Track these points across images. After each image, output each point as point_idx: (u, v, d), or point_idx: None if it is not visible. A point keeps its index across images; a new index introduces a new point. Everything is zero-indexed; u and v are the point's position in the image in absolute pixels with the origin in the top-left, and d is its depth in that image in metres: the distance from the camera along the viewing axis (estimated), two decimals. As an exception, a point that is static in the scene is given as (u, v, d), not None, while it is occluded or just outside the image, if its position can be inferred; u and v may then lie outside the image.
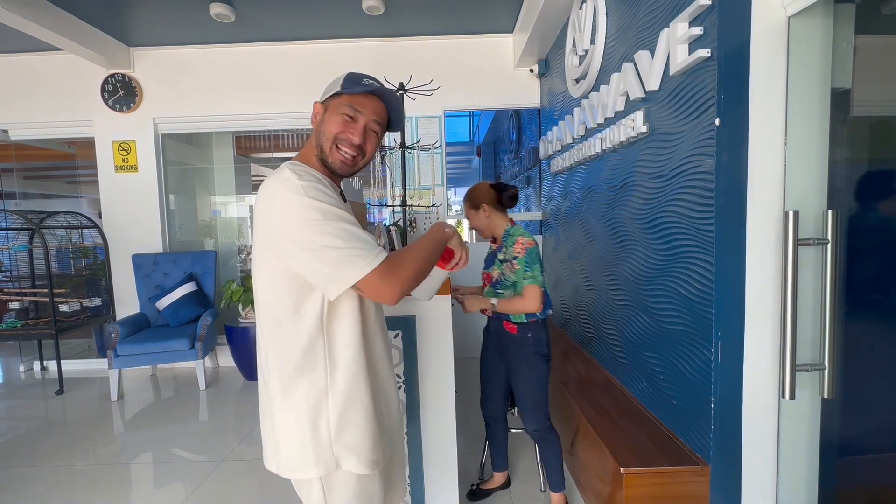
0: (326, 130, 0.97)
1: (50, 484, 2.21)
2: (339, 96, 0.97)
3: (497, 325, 1.81)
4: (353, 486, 0.97)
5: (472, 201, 1.78)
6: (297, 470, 0.95)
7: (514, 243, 1.70)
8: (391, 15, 3.35)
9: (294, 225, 0.84)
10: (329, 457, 0.94)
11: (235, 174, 4.59)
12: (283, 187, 0.86)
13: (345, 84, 0.96)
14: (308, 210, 0.84)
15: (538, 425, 1.76)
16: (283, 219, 0.85)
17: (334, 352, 0.94)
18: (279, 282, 0.91)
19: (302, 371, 0.92)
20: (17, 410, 3.24)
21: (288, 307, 0.91)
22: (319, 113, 0.99)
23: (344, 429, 0.94)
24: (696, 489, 1.50)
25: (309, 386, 0.93)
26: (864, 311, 1.28)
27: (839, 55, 1.29)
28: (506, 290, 1.73)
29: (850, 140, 1.28)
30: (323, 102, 1.00)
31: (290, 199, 0.84)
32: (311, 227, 0.83)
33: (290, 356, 0.92)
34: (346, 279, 0.84)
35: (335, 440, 0.94)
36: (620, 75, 2.02)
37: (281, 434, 0.95)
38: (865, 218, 1.25)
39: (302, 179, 0.86)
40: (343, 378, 0.94)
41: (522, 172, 6.88)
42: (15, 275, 4.11)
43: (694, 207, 1.52)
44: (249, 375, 3.61)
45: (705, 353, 1.48)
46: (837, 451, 1.36)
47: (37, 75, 3.83)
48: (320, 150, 0.98)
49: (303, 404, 0.93)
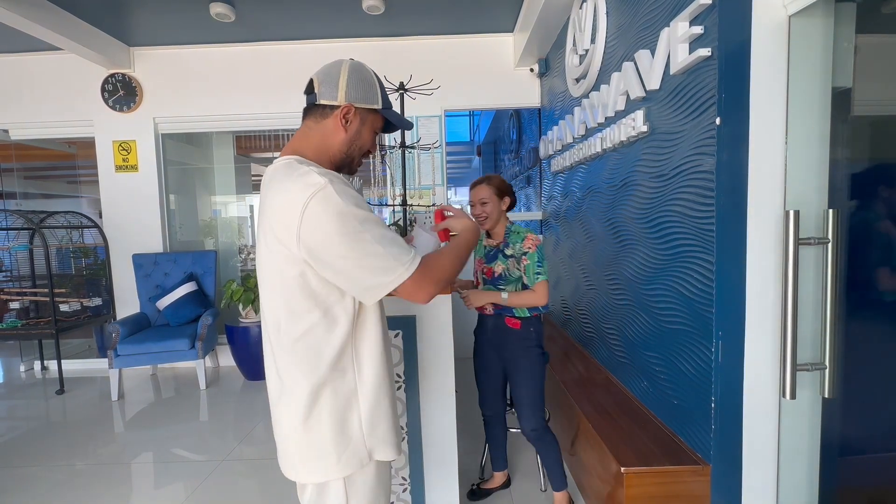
0: (362, 144, 0.99)
1: (50, 484, 2.21)
2: (377, 114, 0.98)
3: (496, 322, 1.79)
4: (373, 478, 0.98)
5: (499, 189, 1.74)
6: (318, 473, 0.92)
7: (524, 239, 1.71)
8: (391, 14, 3.35)
9: (332, 235, 0.81)
10: (363, 452, 0.94)
11: (236, 174, 4.59)
12: (318, 196, 0.81)
13: (385, 105, 0.98)
14: (346, 219, 0.81)
15: (535, 424, 1.75)
16: (318, 230, 0.81)
17: (361, 353, 0.94)
18: (303, 290, 0.87)
19: (332, 374, 0.91)
20: (17, 410, 3.24)
21: (314, 314, 0.88)
22: (354, 121, 0.96)
23: (375, 424, 0.96)
24: (696, 489, 1.50)
25: (339, 388, 0.92)
26: (864, 311, 1.28)
27: (840, 54, 1.29)
28: (508, 284, 1.73)
29: (851, 139, 1.28)
30: (359, 110, 0.96)
31: (326, 209, 0.80)
32: (351, 237, 0.81)
33: (318, 362, 0.89)
34: (385, 286, 0.85)
35: (368, 436, 0.95)
36: (621, 75, 2.02)
37: (306, 442, 0.92)
38: (866, 217, 1.25)
39: (334, 185, 0.82)
40: (370, 376, 0.95)
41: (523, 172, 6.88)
42: (15, 274, 4.11)
43: (694, 207, 1.52)
44: (250, 375, 3.61)
45: (706, 352, 1.48)
46: (838, 450, 1.36)
47: (37, 75, 3.84)
48: (346, 158, 0.98)
49: (333, 406, 0.91)
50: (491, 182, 1.74)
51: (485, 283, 1.80)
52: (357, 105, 0.94)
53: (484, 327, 1.87)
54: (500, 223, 1.77)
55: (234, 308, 3.61)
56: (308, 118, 0.97)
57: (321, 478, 0.93)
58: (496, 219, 1.75)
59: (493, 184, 1.74)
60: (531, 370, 1.74)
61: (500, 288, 1.74)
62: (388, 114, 0.99)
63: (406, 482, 1.65)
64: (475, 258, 1.90)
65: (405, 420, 1.63)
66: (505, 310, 1.75)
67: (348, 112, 0.94)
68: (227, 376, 3.74)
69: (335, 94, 0.93)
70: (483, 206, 1.72)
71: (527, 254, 1.69)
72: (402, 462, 1.64)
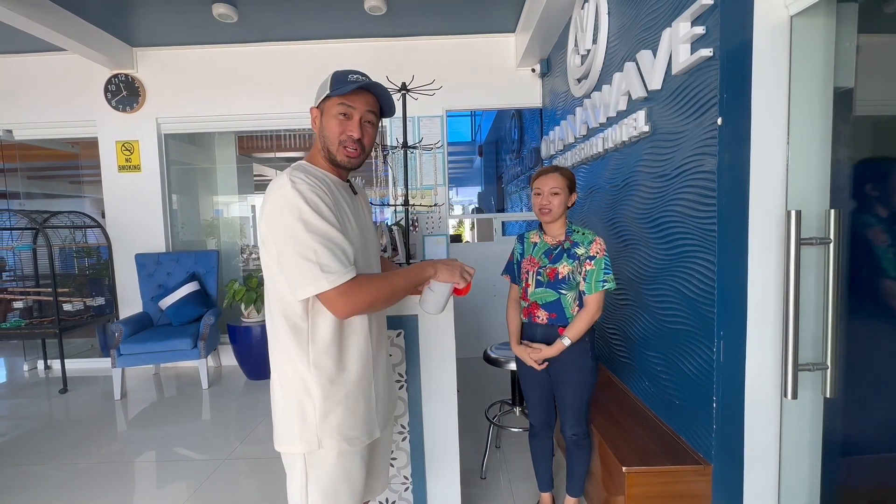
0: (328, 134, 1.04)
1: (54, 482, 2.22)
2: (330, 98, 1.02)
3: (548, 332, 1.63)
4: (333, 464, 1.04)
5: (571, 182, 1.61)
6: (284, 443, 1.04)
7: (592, 242, 1.58)
8: (393, 15, 3.36)
9: (279, 229, 0.93)
10: (313, 437, 1.01)
11: (238, 174, 4.60)
12: (276, 193, 0.94)
13: (332, 85, 1.01)
14: (293, 219, 0.92)
15: (578, 430, 1.66)
16: (270, 221, 0.94)
17: (317, 342, 1.01)
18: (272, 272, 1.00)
19: (289, 355, 1.01)
20: (21, 409, 3.25)
21: (279, 296, 1.00)
22: (317, 117, 1.06)
23: (327, 413, 1.02)
24: (698, 488, 1.50)
25: (295, 370, 1.01)
26: (866, 311, 1.28)
27: (842, 54, 1.29)
28: (570, 290, 1.59)
29: (853, 139, 1.28)
30: (318, 106, 1.06)
31: (282, 206, 0.93)
32: (293, 237, 0.92)
33: (280, 340, 1.02)
34: (306, 290, 0.93)
35: (320, 422, 1.01)
36: (622, 75, 2.02)
37: (275, 408, 1.06)
38: (868, 218, 1.25)
39: (296, 187, 0.93)
40: (326, 367, 1.01)
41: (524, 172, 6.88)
42: (19, 274, 4.13)
43: (696, 207, 1.52)
44: (252, 375, 3.61)
45: (707, 352, 1.48)
46: (840, 450, 1.36)
47: (41, 76, 3.85)
48: (327, 152, 1.05)
49: (290, 385, 1.02)
50: (563, 173, 1.60)
51: (540, 286, 1.63)
52: (317, 104, 1.06)
53: (530, 337, 1.69)
54: (560, 220, 1.63)
55: (236, 308, 3.62)
56: None
57: (287, 448, 1.03)
58: (558, 214, 1.60)
59: (566, 175, 1.60)
60: (583, 378, 1.62)
61: (562, 292, 1.59)
62: (337, 87, 1.00)
63: (408, 481, 1.66)
64: (526, 257, 1.70)
65: (407, 419, 1.63)
66: (559, 319, 1.61)
67: (313, 114, 1.07)
68: (229, 376, 3.75)
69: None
70: (553, 197, 1.58)
71: (594, 258, 1.56)
72: (404, 461, 1.65)
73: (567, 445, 1.72)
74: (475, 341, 3.74)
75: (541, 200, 1.61)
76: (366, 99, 1.03)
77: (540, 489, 1.86)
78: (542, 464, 1.81)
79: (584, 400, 1.64)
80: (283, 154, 4.49)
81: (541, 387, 1.71)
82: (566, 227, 1.65)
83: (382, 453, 1.24)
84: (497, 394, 2.99)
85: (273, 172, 5.32)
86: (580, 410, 1.65)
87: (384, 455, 1.26)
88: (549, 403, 1.74)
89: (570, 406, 1.64)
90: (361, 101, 1.03)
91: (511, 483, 2.10)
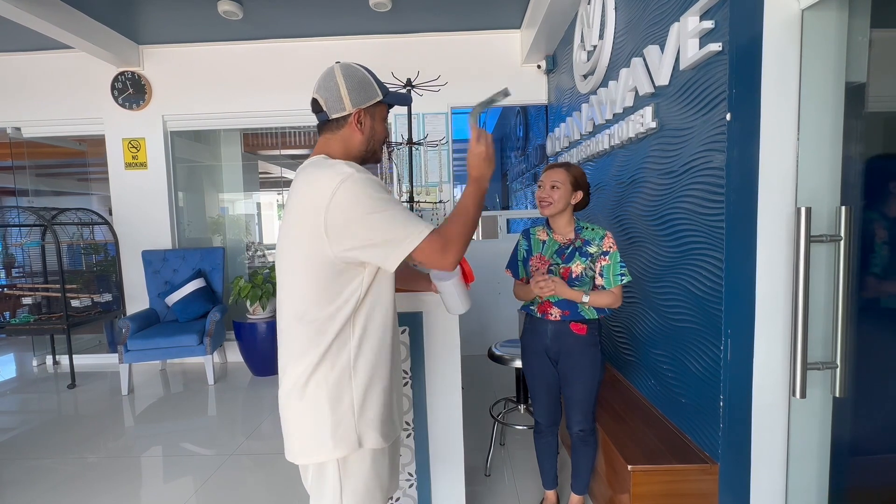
0: (379, 137, 1.07)
1: (62, 476, 2.24)
2: (381, 105, 1.06)
3: (559, 329, 1.62)
4: (368, 465, 1.01)
5: (576, 179, 1.59)
6: (313, 454, 0.98)
7: (604, 237, 1.58)
8: (398, 11, 3.35)
9: (361, 208, 0.90)
10: (353, 435, 0.98)
11: (243, 171, 4.62)
12: (349, 181, 0.91)
13: (385, 94, 1.05)
14: (375, 198, 0.92)
15: (585, 426, 1.65)
16: (349, 207, 0.90)
17: (361, 335, 0.99)
18: (318, 270, 0.95)
19: (331, 350, 0.97)
20: (30, 404, 3.30)
21: (323, 294, 0.95)
22: (366, 120, 1.04)
23: (366, 406, 0.99)
24: (704, 487, 1.49)
25: (335, 364, 0.97)
26: (877, 309, 1.26)
27: (854, 49, 1.27)
28: (583, 286, 1.58)
29: (865, 135, 1.26)
30: (367, 110, 1.04)
31: (356, 189, 0.91)
32: (378, 209, 0.91)
33: (319, 340, 0.96)
34: (404, 248, 0.92)
35: (359, 418, 0.98)
36: (629, 70, 2.00)
37: (296, 419, 0.99)
38: (880, 215, 1.23)
39: (362, 173, 0.93)
40: (367, 357, 1.00)
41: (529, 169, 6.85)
42: (28, 271, 4.17)
43: (704, 204, 1.50)
44: (257, 371, 3.64)
45: (715, 350, 1.47)
46: (849, 450, 1.34)
47: (49, 73, 3.88)
48: (369, 152, 1.08)
49: (327, 381, 0.97)
50: (569, 169, 1.60)
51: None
52: (364, 107, 1.03)
53: (540, 334, 1.66)
54: (564, 216, 1.61)
55: (241, 304, 3.64)
56: (324, 132, 1.05)
57: (317, 458, 0.98)
58: (560, 209, 1.58)
59: (571, 171, 1.59)
60: (591, 372, 1.61)
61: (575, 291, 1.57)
62: (390, 98, 1.07)
63: (412, 478, 1.66)
64: (534, 254, 1.67)
65: (411, 416, 1.63)
66: (572, 315, 1.60)
67: (360, 115, 1.03)
68: (234, 372, 3.77)
69: (342, 106, 1.01)
70: (553, 190, 1.57)
71: (608, 253, 1.56)
72: (409, 458, 1.65)
73: (573, 442, 1.71)
74: (480, 339, 3.74)
75: (540, 192, 1.61)
76: None
77: (544, 486, 1.85)
78: (547, 461, 1.81)
79: (593, 395, 1.63)
80: (289, 151, 4.50)
81: (547, 383, 1.70)
82: (574, 224, 1.63)
83: (399, 452, 1.26)
84: (501, 391, 2.99)
85: (279, 170, 5.33)
86: (588, 406, 1.64)
87: (399, 454, 1.27)
88: (555, 400, 1.73)
89: (578, 401, 1.63)
90: None
91: (515, 480, 2.10)
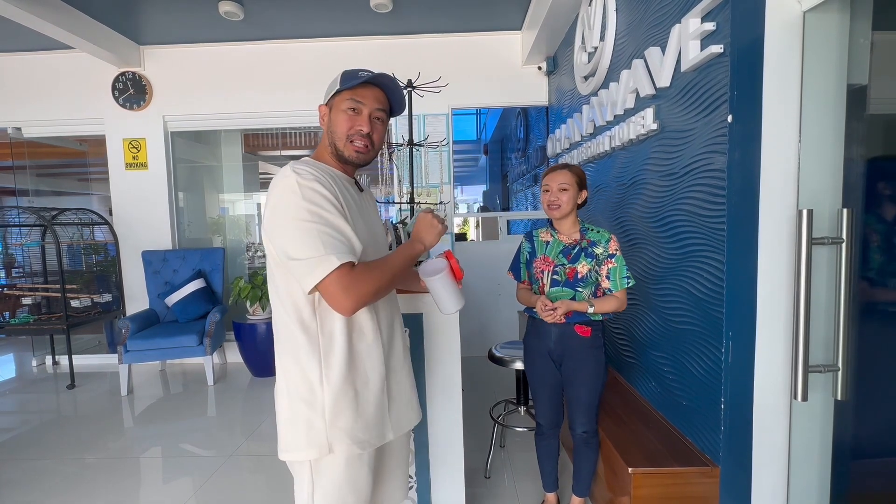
0: (337, 129, 1.03)
1: (61, 477, 2.24)
2: (340, 94, 1.02)
3: (563, 331, 1.62)
4: (341, 472, 1.00)
5: (580, 179, 1.61)
6: (290, 451, 1.00)
7: (610, 240, 1.59)
8: (399, 12, 3.35)
9: (283, 219, 0.91)
10: (323, 440, 0.98)
11: (244, 172, 4.62)
12: (281, 185, 0.93)
13: (342, 80, 1.01)
14: (298, 209, 0.90)
15: (588, 428, 1.65)
16: (275, 214, 0.92)
17: (329, 340, 0.98)
18: (273, 269, 0.99)
19: (297, 356, 0.98)
20: (29, 404, 3.29)
21: (284, 295, 0.98)
22: (326, 115, 1.06)
23: (338, 414, 0.98)
24: (704, 490, 1.49)
25: (303, 371, 0.98)
26: (878, 312, 1.26)
27: (855, 51, 1.27)
28: (587, 287, 1.58)
29: (867, 138, 1.26)
30: (326, 104, 1.06)
31: (284, 197, 0.91)
32: (297, 225, 0.89)
33: (287, 342, 0.99)
34: (313, 278, 0.88)
35: (329, 425, 0.98)
36: (630, 72, 2.00)
37: (280, 416, 1.02)
38: (882, 217, 1.23)
39: (301, 178, 0.92)
40: (337, 365, 0.98)
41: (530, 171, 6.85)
42: (28, 271, 4.17)
43: (705, 206, 1.50)
44: (257, 372, 3.63)
45: (715, 353, 1.46)
46: (850, 454, 1.34)
47: (50, 74, 3.88)
48: (335, 148, 1.04)
49: (298, 388, 0.98)
50: (572, 170, 1.61)
51: (556, 286, 1.61)
52: (325, 103, 1.06)
53: (543, 336, 1.66)
54: (570, 217, 1.62)
55: (241, 305, 3.64)
56: None
57: (293, 457, 0.99)
58: (568, 210, 1.59)
59: (575, 172, 1.60)
60: (595, 374, 1.61)
61: (579, 290, 1.58)
62: (345, 82, 1.00)
63: (412, 480, 1.65)
64: (538, 256, 1.67)
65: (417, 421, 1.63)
66: (575, 317, 1.59)
67: (322, 112, 1.06)
68: (234, 373, 3.77)
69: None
70: (561, 193, 1.57)
71: (613, 256, 1.57)
72: (409, 460, 1.64)
73: (575, 444, 1.71)
74: (480, 340, 3.74)
75: (549, 197, 1.60)
76: (375, 95, 1.03)
77: (545, 489, 1.85)
78: (548, 463, 1.80)
79: (596, 397, 1.63)
80: (289, 152, 4.50)
81: (550, 385, 1.69)
82: (579, 225, 1.64)
83: (396, 460, 1.19)
84: (502, 393, 2.98)
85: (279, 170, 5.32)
86: (592, 408, 1.64)
87: (398, 463, 1.20)
88: (557, 402, 1.72)
89: (582, 403, 1.63)
90: (371, 96, 1.02)
91: (516, 483, 2.09)
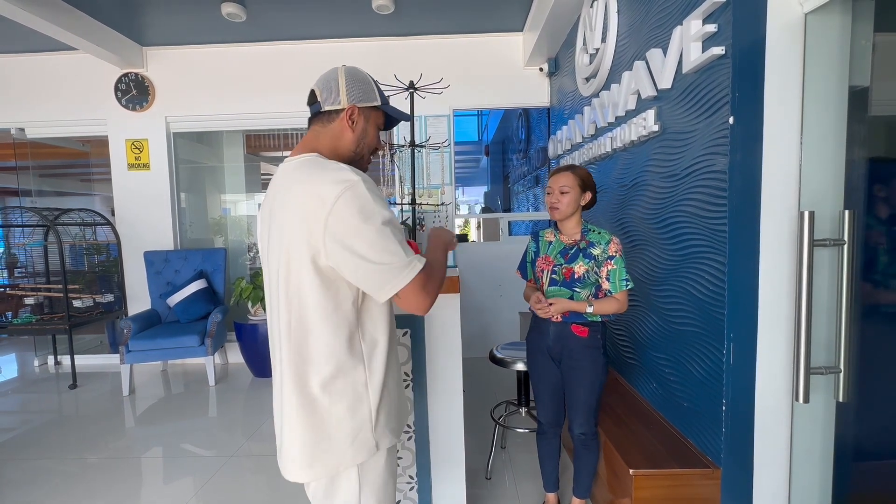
0: (370, 142, 1.03)
1: (63, 476, 2.24)
2: (378, 110, 1.02)
3: (560, 330, 1.63)
4: (383, 464, 1.00)
5: (583, 181, 1.60)
6: (339, 465, 0.94)
7: (610, 242, 1.58)
8: (401, 14, 3.36)
9: (357, 230, 0.84)
10: (371, 442, 0.95)
11: (245, 173, 4.63)
12: (350, 191, 0.84)
13: (384, 101, 1.02)
14: (374, 219, 0.85)
15: (587, 429, 1.65)
16: (346, 223, 0.83)
17: (370, 344, 0.96)
18: (318, 280, 0.88)
19: (339, 372, 0.92)
20: (31, 404, 3.30)
21: (330, 310, 0.90)
22: (359, 120, 0.99)
23: (381, 411, 0.97)
24: (706, 492, 1.49)
25: (349, 384, 0.93)
26: (880, 314, 1.25)
27: (857, 53, 1.27)
28: (584, 288, 1.59)
29: (868, 139, 1.26)
30: (362, 110, 1.00)
31: (356, 204, 0.84)
32: (375, 237, 0.85)
33: (326, 363, 0.91)
34: (395, 285, 0.87)
35: (376, 425, 0.96)
36: (632, 74, 2.00)
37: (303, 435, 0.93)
38: (883, 219, 1.23)
39: (367, 184, 0.87)
40: (379, 365, 0.97)
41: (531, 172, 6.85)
42: (30, 271, 4.19)
43: (706, 207, 1.50)
44: (258, 372, 3.64)
45: (717, 354, 1.46)
46: (852, 455, 1.34)
47: (53, 75, 3.90)
48: (357, 155, 1.02)
49: (344, 395, 0.93)
50: (576, 172, 1.61)
51: (554, 285, 1.62)
52: (359, 105, 0.98)
53: (543, 335, 1.68)
54: (573, 218, 1.63)
55: (243, 305, 3.64)
56: (315, 124, 1.00)
57: (333, 471, 0.94)
58: (570, 212, 1.60)
59: (578, 174, 1.60)
60: (594, 375, 1.61)
61: (576, 291, 1.59)
62: (388, 108, 1.03)
63: (413, 480, 1.65)
64: (541, 255, 1.70)
65: (412, 419, 1.63)
66: (573, 316, 1.61)
67: (353, 112, 0.98)
68: (235, 373, 3.77)
69: (338, 99, 0.97)
70: (563, 195, 1.58)
71: (613, 258, 1.57)
72: (410, 461, 1.64)
73: (574, 445, 1.71)
74: (481, 341, 3.74)
75: (551, 199, 1.62)
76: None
77: (545, 489, 1.84)
78: (549, 463, 1.80)
79: (594, 398, 1.63)
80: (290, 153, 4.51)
81: (550, 383, 1.70)
82: (582, 226, 1.65)
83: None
84: (503, 394, 2.98)
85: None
86: (590, 408, 1.64)
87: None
88: (559, 401, 1.72)
89: (581, 404, 1.63)
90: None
91: (516, 483, 2.09)
